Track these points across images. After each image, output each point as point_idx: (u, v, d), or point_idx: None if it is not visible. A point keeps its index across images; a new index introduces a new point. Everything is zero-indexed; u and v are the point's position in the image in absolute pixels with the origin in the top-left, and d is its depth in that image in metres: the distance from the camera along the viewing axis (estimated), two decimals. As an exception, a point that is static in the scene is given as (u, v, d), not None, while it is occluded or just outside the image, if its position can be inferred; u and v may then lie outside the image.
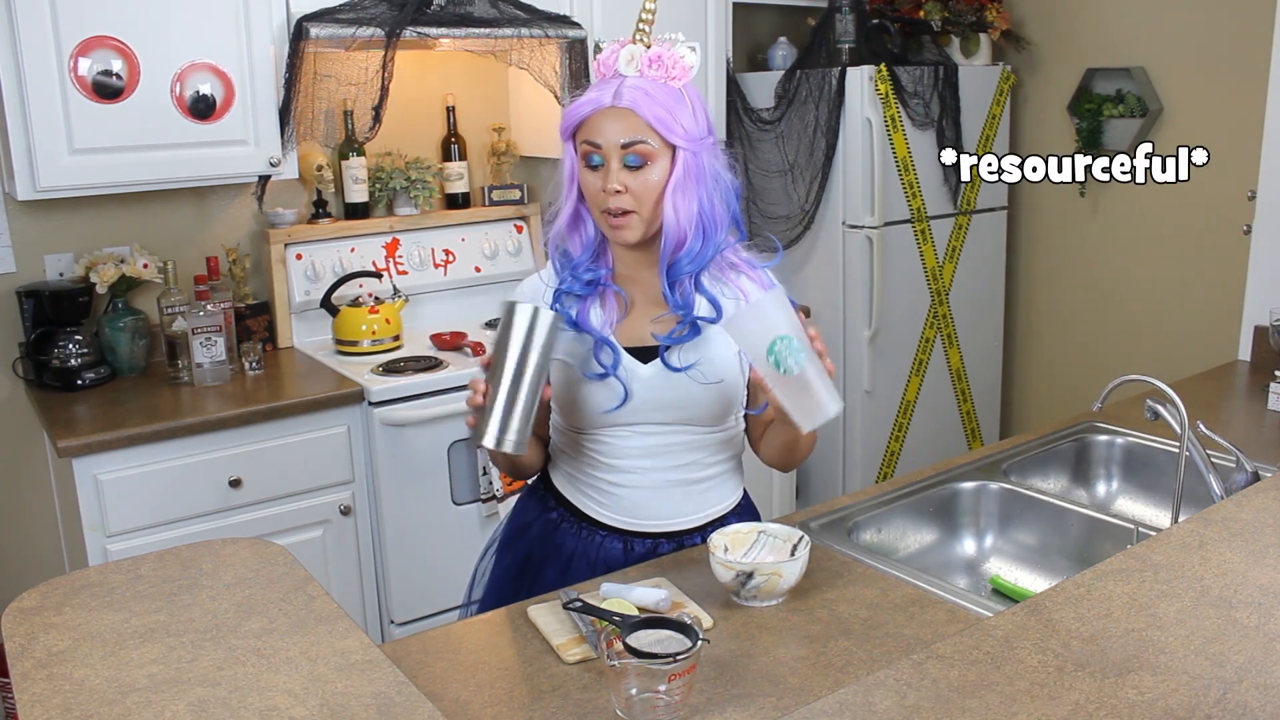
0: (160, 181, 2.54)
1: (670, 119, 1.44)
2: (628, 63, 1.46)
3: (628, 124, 1.44)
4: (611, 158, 1.45)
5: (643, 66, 1.46)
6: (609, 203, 1.46)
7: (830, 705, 0.95)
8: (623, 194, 1.45)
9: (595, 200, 1.49)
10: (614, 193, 1.45)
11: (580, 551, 1.60)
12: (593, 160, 1.47)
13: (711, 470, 1.60)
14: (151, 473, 2.35)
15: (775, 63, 3.68)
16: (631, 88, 1.44)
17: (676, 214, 1.47)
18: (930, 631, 1.35)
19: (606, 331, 1.53)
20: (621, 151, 1.45)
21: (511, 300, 1.40)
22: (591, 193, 1.49)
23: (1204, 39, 3.36)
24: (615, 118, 1.44)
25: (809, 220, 3.50)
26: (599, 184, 1.47)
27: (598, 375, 1.51)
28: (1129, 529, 1.72)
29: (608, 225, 1.49)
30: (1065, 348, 3.94)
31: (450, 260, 3.20)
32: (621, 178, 1.45)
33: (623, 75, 1.46)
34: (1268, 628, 1.04)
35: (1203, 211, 3.44)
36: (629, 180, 1.45)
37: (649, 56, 1.46)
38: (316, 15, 2.61)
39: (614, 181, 1.45)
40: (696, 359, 1.52)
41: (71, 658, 1.13)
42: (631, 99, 1.44)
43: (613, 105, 1.45)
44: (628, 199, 1.46)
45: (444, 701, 1.21)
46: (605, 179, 1.46)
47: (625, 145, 1.44)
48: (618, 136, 1.44)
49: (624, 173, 1.45)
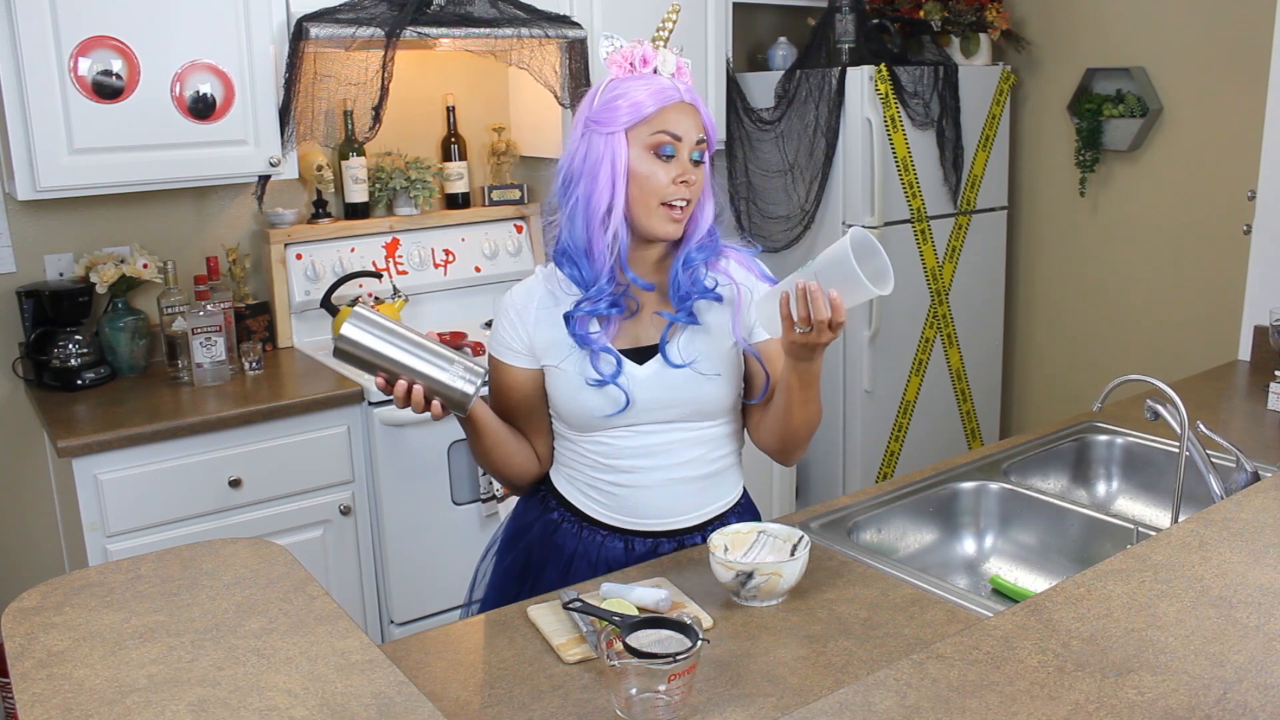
0: (160, 181, 2.54)
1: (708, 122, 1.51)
2: (665, 64, 1.50)
3: (696, 121, 1.49)
4: (684, 150, 1.47)
5: (675, 71, 1.51)
6: (679, 194, 1.47)
7: (830, 705, 0.95)
8: (693, 185, 1.48)
9: (660, 192, 1.46)
10: (689, 184, 1.47)
11: (581, 552, 1.60)
12: (666, 150, 1.47)
13: (712, 466, 1.60)
14: (151, 473, 2.35)
15: (775, 63, 3.68)
16: (686, 89, 1.49)
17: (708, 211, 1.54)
18: (930, 631, 1.35)
19: (604, 338, 1.52)
20: (694, 146, 1.48)
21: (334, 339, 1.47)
22: (657, 184, 1.46)
23: (1204, 39, 3.36)
24: (686, 112, 1.48)
25: (809, 220, 3.50)
26: (670, 174, 1.46)
27: (597, 383, 1.51)
28: (1129, 529, 1.72)
29: (666, 218, 1.48)
30: (1065, 348, 3.94)
31: (450, 260, 3.20)
32: (690, 171, 1.48)
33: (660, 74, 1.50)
34: (1268, 628, 1.04)
35: (1203, 211, 3.44)
36: (694, 174, 1.49)
37: (678, 63, 1.52)
38: (316, 15, 2.61)
39: (689, 171, 1.47)
40: (696, 354, 1.52)
41: (71, 658, 1.13)
42: (693, 97, 1.49)
43: (683, 100, 1.48)
44: (694, 192, 1.49)
45: (444, 701, 1.21)
46: (681, 169, 1.47)
47: (699, 141, 1.49)
48: (693, 131, 1.48)
49: (690, 166, 1.48)
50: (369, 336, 1.45)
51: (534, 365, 1.57)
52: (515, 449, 1.60)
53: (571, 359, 1.53)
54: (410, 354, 1.45)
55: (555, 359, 1.54)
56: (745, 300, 1.56)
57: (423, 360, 1.45)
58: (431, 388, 1.46)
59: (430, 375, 1.45)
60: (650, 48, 1.49)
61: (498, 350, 1.59)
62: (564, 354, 1.53)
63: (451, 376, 1.45)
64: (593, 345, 1.51)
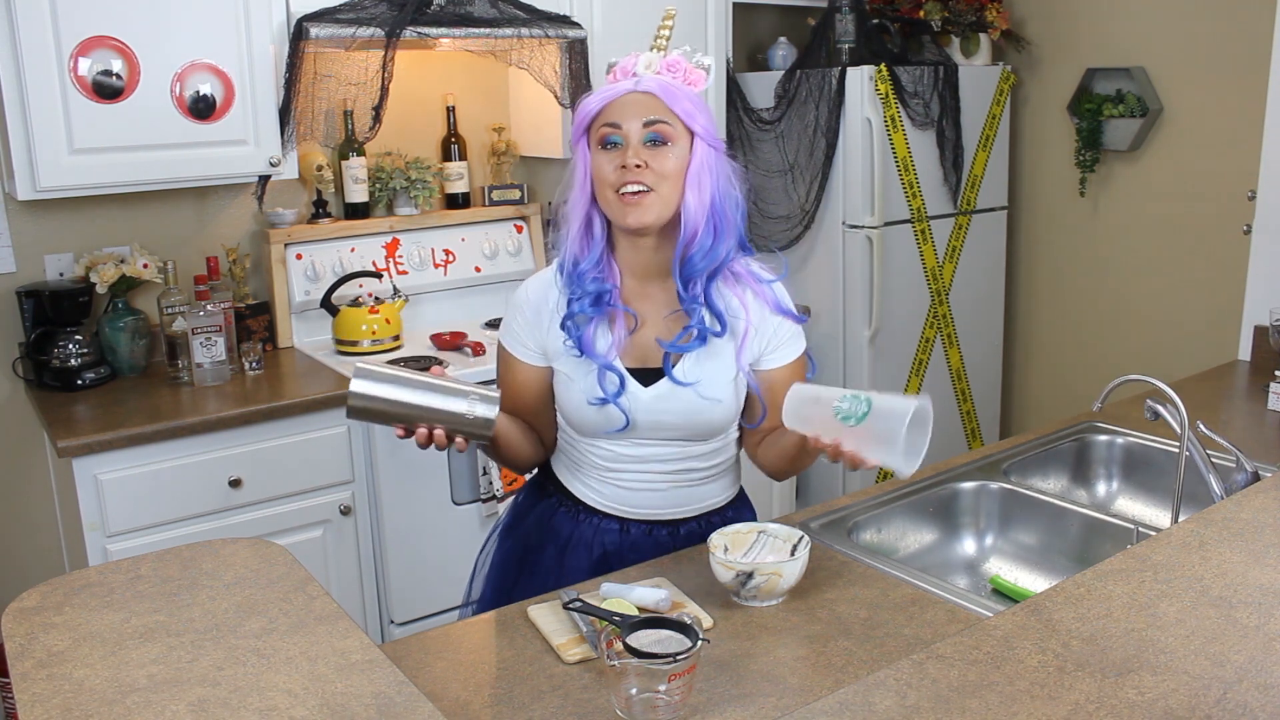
0: (160, 181, 2.54)
1: (692, 108, 1.45)
2: (646, 66, 1.47)
3: (650, 105, 1.44)
4: (632, 135, 1.43)
5: (660, 69, 1.48)
6: (624, 178, 1.42)
7: (830, 705, 0.95)
8: (643, 169, 1.42)
9: (610, 181, 1.44)
10: (633, 167, 1.42)
11: (578, 535, 1.61)
12: (610, 140, 1.44)
13: (710, 472, 1.62)
14: (151, 473, 2.35)
15: (775, 63, 3.68)
16: (651, 79, 1.46)
17: (694, 202, 1.45)
18: (930, 631, 1.35)
19: (613, 354, 1.51)
20: (643, 130, 1.43)
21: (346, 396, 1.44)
22: (605, 176, 1.45)
23: (1204, 39, 3.36)
24: (636, 100, 1.44)
25: (809, 220, 3.50)
26: (615, 163, 1.43)
27: (599, 401, 1.50)
28: (1129, 529, 1.72)
29: (621, 206, 1.44)
30: (1065, 348, 3.94)
31: (450, 260, 3.19)
32: (642, 154, 1.42)
33: (640, 76, 1.47)
34: (1268, 628, 1.04)
35: (1203, 211, 3.44)
36: (649, 157, 1.43)
37: (666, 62, 1.48)
38: (316, 15, 2.61)
39: (634, 156, 1.42)
40: (700, 377, 1.52)
41: (71, 658, 1.13)
42: (653, 86, 1.45)
43: (634, 90, 1.45)
44: (649, 175, 1.42)
45: (444, 701, 1.21)
46: (624, 155, 1.43)
47: (647, 123, 1.43)
48: (640, 116, 1.43)
49: (644, 150, 1.43)
50: (379, 387, 1.41)
51: (545, 364, 1.58)
52: (524, 445, 1.61)
53: (579, 372, 1.52)
54: (424, 394, 1.42)
55: (564, 366, 1.55)
56: (752, 335, 1.54)
57: (437, 397, 1.42)
58: (452, 425, 1.42)
59: (449, 410, 1.42)
60: (633, 57, 1.49)
61: (510, 344, 1.60)
62: (572, 364, 1.53)
63: (470, 405, 1.42)
64: (598, 360, 1.50)
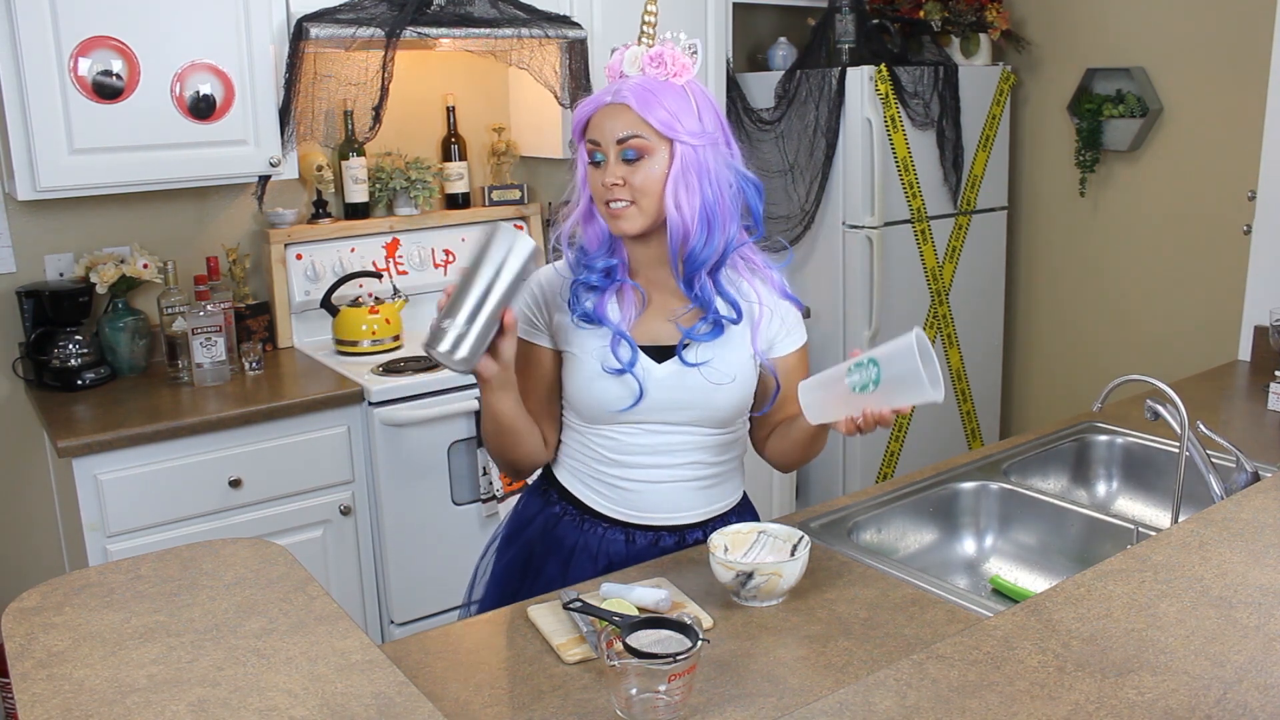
0: (160, 181, 2.54)
1: (667, 114, 1.46)
2: (631, 63, 1.51)
3: (624, 120, 1.47)
4: (610, 153, 1.48)
5: (644, 65, 1.50)
6: (609, 196, 1.49)
7: (830, 705, 0.95)
8: (620, 186, 1.48)
9: (597, 195, 1.52)
10: (612, 185, 1.48)
11: (582, 545, 1.61)
12: (595, 157, 1.51)
13: (715, 470, 1.62)
14: (151, 473, 2.35)
15: (775, 63, 3.68)
16: (631, 85, 1.48)
17: (679, 208, 1.48)
18: (930, 631, 1.35)
19: (624, 328, 1.54)
20: (618, 146, 1.47)
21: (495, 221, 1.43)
22: (594, 188, 1.52)
23: (1204, 39, 3.36)
24: (612, 115, 1.48)
25: (809, 220, 3.50)
26: (598, 179, 1.50)
27: (614, 371, 1.52)
28: (1129, 529, 1.72)
29: (608, 217, 1.52)
30: (1065, 348, 3.94)
31: (450, 260, 3.19)
32: (619, 171, 1.47)
33: (627, 76, 1.51)
34: (1268, 628, 1.04)
35: (1203, 212, 3.44)
36: (627, 173, 1.48)
37: (650, 55, 1.50)
38: (316, 15, 2.61)
39: (611, 175, 1.48)
40: (711, 357, 1.54)
41: (71, 658, 1.13)
42: (627, 95, 1.47)
43: (611, 102, 1.48)
44: (625, 191, 1.48)
45: (444, 701, 1.21)
46: (605, 173, 1.49)
47: (621, 140, 1.47)
48: (614, 132, 1.47)
49: (621, 166, 1.48)
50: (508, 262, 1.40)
51: (552, 347, 1.60)
52: (526, 432, 1.61)
53: (590, 346, 1.54)
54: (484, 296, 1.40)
55: (574, 345, 1.56)
56: (766, 317, 1.58)
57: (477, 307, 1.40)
58: (452, 315, 1.41)
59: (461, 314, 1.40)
60: (620, 55, 1.52)
61: (520, 328, 1.61)
62: (583, 341, 1.55)
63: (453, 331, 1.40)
64: (610, 325, 1.53)
